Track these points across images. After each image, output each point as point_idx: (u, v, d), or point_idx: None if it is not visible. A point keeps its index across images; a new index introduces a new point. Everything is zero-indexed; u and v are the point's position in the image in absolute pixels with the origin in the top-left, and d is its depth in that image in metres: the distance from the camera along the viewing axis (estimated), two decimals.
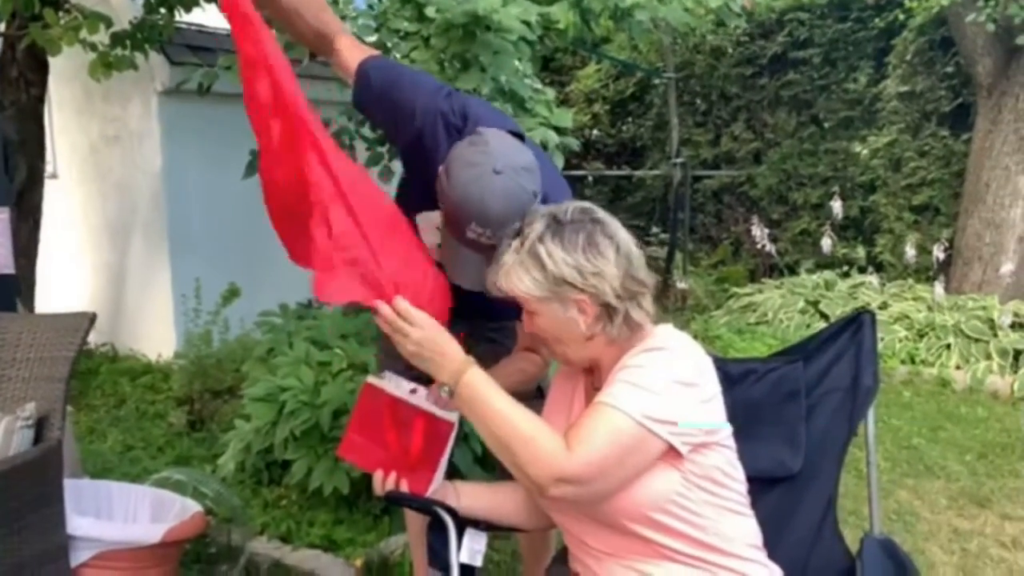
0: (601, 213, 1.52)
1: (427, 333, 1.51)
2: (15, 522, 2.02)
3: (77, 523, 2.23)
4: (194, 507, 2.55)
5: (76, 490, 2.37)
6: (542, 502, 1.56)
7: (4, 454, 2.08)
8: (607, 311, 1.46)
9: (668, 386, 1.41)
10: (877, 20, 7.36)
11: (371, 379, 1.70)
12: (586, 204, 1.53)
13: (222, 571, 2.76)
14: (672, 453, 1.40)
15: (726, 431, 1.50)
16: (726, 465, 1.49)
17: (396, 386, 1.67)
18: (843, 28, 7.60)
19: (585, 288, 1.44)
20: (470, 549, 1.66)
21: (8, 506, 1.99)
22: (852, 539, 1.72)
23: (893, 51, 7.26)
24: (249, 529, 2.91)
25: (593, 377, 1.60)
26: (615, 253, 1.45)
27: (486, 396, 1.46)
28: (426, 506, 1.72)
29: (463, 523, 1.68)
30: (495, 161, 1.59)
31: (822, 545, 1.70)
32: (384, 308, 1.53)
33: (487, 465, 2.71)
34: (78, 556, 2.22)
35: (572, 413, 1.61)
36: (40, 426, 2.18)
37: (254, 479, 3.24)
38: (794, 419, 1.74)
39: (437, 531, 1.69)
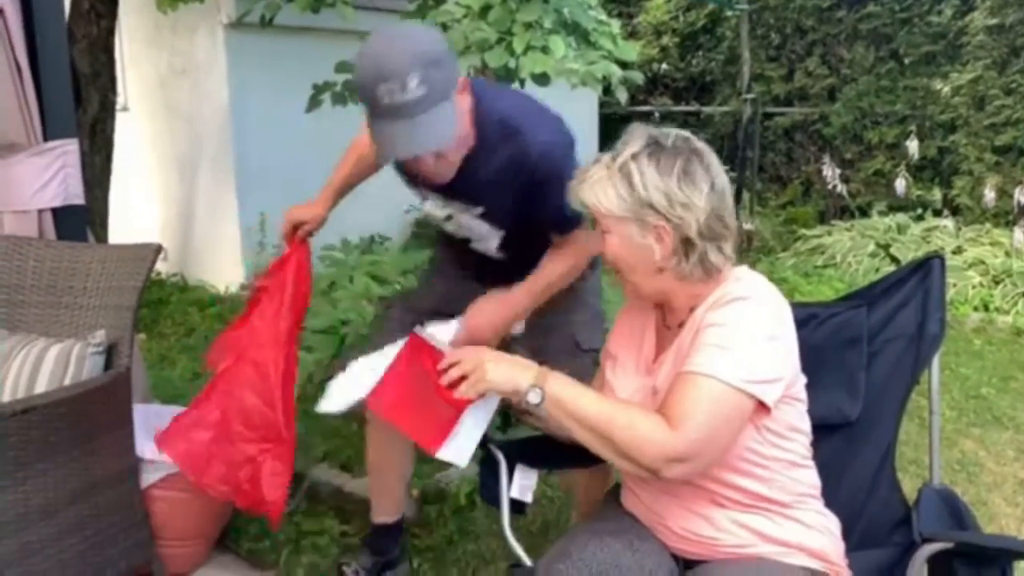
0: (703, 145, 1.46)
1: (493, 353, 1.48)
2: (88, 443, 2.11)
3: (146, 446, 2.32)
4: None
5: (145, 415, 2.45)
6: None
7: (77, 379, 2.16)
8: (685, 246, 1.41)
9: (756, 343, 1.37)
10: None
11: (419, 329, 1.68)
12: (688, 134, 1.47)
13: None
14: (759, 410, 1.38)
15: (801, 382, 1.48)
16: (797, 418, 1.48)
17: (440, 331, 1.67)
18: None
19: (669, 216, 1.39)
20: (520, 484, 1.68)
21: (81, 428, 2.08)
22: (912, 488, 1.69)
23: None
24: (311, 457, 2.99)
25: (664, 314, 1.56)
26: (709, 188, 1.40)
27: (573, 392, 1.41)
28: (479, 442, 1.74)
29: (514, 458, 1.70)
30: (382, 31, 1.67)
31: (879, 494, 1.67)
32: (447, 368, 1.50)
33: None
34: (147, 478, 2.31)
35: (643, 351, 1.59)
36: (110, 353, 2.26)
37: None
38: (854, 366, 1.70)
39: (488, 465, 1.71)
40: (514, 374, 1.43)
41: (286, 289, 2.20)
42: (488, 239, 2.01)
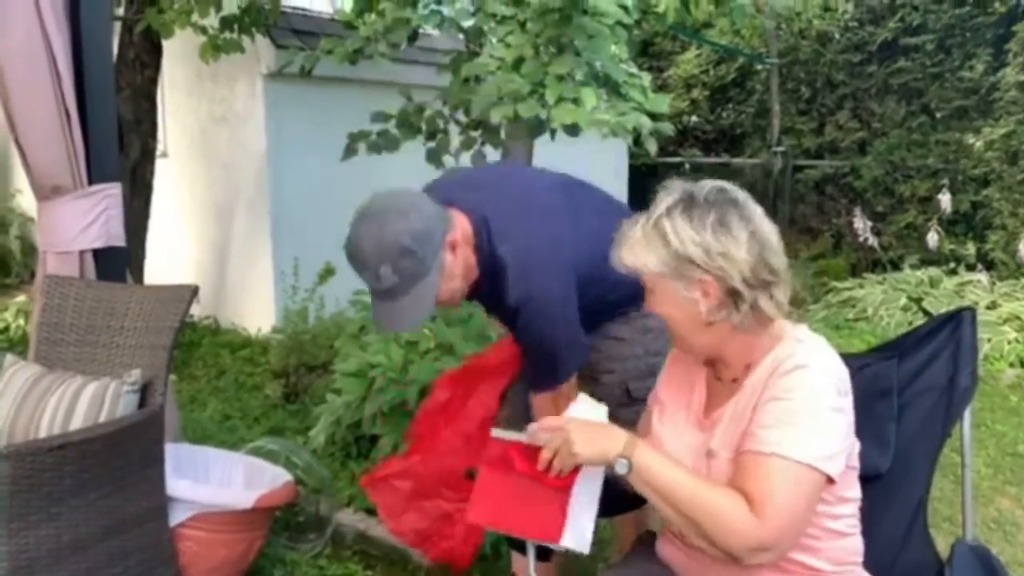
0: (740, 194, 1.45)
1: (577, 423, 1.46)
2: (120, 480, 2.14)
3: (176, 485, 2.34)
4: (285, 476, 2.64)
5: (176, 454, 2.48)
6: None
7: (112, 416, 2.20)
8: (733, 297, 1.39)
9: (825, 418, 1.36)
10: (997, 4, 6.98)
11: (495, 432, 1.64)
12: (726, 184, 1.46)
13: (309, 539, 2.86)
14: (825, 484, 1.38)
15: (856, 448, 1.47)
16: (850, 486, 1.47)
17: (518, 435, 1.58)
18: (960, 13, 7.23)
19: (710, 269, 1.38)
20: None
21: (114, 464, 2.11)
22: (945, 545, 1.66)
23: (1014, 37, 6.87)
24: (337, 500, 3.00)
25: (716, 369, 1.54)
26: (748, 236, 1.38)
27: (660, 466, 1.38)
28: None
29: None
30: (365, 208, 1.76)
31: (910, 548, 1.64)
32: (539, 437, 1.49)
33: None
34: (176, 516, 2.33)
35: (693, 403, 1.57)
36: (145, 391, 2.30)
37: (343, 452, 3.33)
38: (885, 418, 1.68)
39: None
40: (601, 444, 1.40)
41: (504, 376, 2.25)
42: None
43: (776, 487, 1.31)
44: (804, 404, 1.35)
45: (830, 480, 1.36)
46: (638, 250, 1.43)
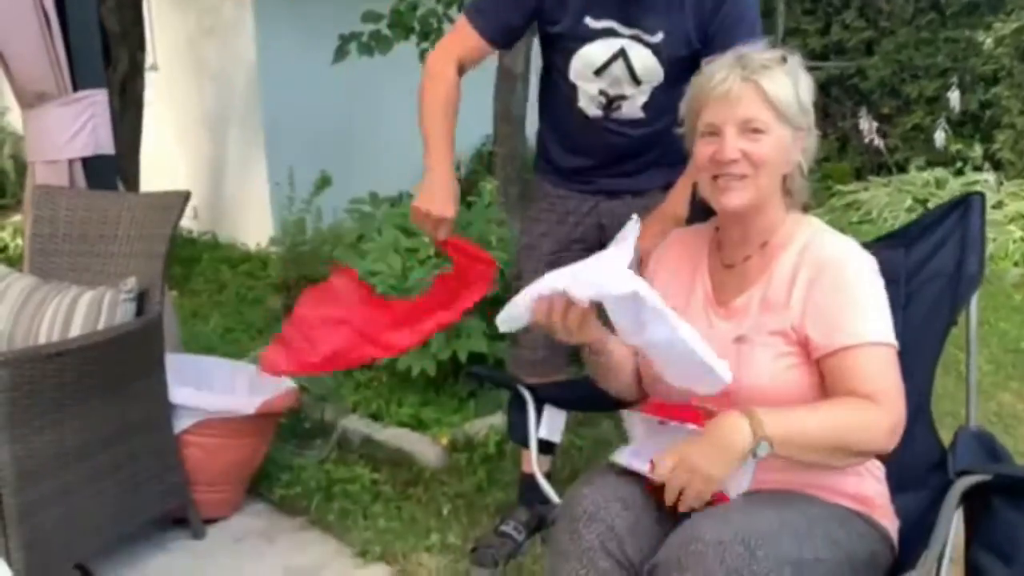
0: None
1: (686, 448, 1.29)
2: (121, 388, 2.14)
3: (179, 393, 2.35)
4: (288, 383, 2.64)
5: (178, 364, 2.48)
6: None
7: (109, 324, 2.19)
8: (804, 155, 1.48)
9: (882, 297, 1.42)
10: None
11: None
12: None
13: (316, 445, 2.89)
14: None
15: None
16: None
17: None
18: None
19: (810, 123, 1.47)
20: (549, 425, 1.68)
21: (114, 372, 2.11)
22: (947, 438, 1.65)
23: None
24: (342, 407, 3.02)
25: (722, 253, 1.53)
26: None
27: (794, 424, 1.30)
28: (506, 383, 1.75)
29: (543, 400, 1.69)
30: None
31: (915, 436, 1.62)
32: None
33: None
34: (180, 423, 2.35)
35: (698, 294, 1.54)
36: (141, 300, 2.28)
37: None
38: (892, 306, 1.65)
39: (517, 407, 1.71)
40: (730, 449, 1.26)
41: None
42: (638, 96, 1.97)
43: (880, 373, 1.35)
44: (864, 289, 1.41)
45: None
46: (780, 80, 1.43)
